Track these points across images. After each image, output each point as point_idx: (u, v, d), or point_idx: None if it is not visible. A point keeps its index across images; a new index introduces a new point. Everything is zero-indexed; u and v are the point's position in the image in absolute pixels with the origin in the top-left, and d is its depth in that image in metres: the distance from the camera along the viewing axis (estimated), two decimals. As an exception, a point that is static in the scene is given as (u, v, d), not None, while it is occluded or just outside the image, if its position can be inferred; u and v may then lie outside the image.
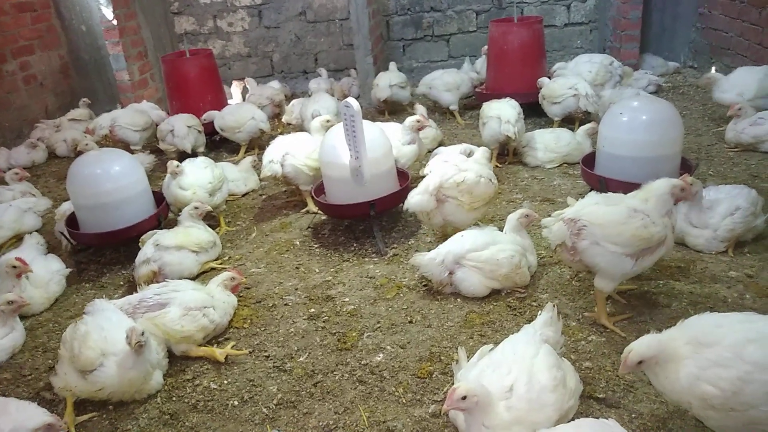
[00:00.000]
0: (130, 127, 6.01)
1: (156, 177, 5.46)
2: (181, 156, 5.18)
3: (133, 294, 3.17)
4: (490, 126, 4.89)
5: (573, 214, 2.80)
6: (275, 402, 2.69)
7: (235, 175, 5.04)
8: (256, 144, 6.04)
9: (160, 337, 2.91)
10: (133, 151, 5.64)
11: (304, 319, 3.27)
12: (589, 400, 2.48)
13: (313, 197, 4.23)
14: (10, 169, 5.26)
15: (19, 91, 6.92)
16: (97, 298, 3.04)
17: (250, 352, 3.04)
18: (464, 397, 2.03)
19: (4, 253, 4.08)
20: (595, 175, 4.03)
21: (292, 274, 3.76)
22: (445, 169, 3.64)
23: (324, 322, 3.23)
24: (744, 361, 1.91)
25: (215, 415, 2.67)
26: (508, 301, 3.22)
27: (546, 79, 5.84)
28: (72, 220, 4.15)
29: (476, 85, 6.67)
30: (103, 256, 4.26)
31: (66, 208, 4.35)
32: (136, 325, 2.66)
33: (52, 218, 4.60)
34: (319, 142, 4.20)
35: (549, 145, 4.96)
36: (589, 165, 4.22)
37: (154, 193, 4.35)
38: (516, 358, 2.24)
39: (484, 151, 3.90)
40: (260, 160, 4.79)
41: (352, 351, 2.97)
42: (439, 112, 6.63)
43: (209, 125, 6.01)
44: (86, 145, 5.37)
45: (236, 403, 2.71)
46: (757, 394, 1.89)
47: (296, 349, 3.04)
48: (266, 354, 3.02)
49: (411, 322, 3.14)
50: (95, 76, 8.08)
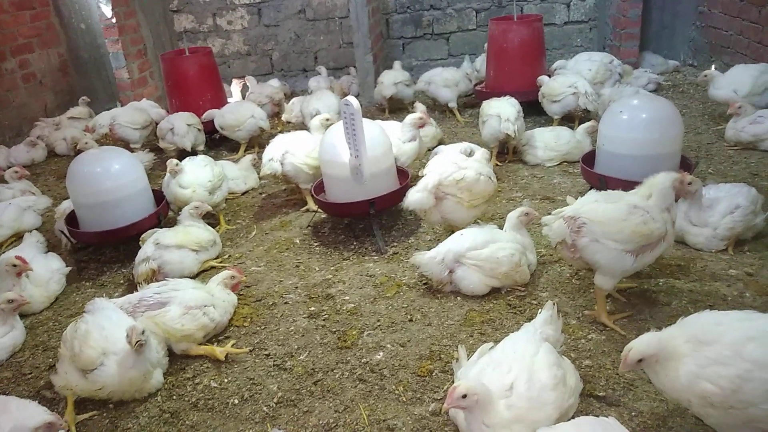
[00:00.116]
0: (130, 125, 6.01)
1: (156, 175, 5.46)
2: (181, 154, 5.17)
3: (133, 293, 3.17)
4: (490, 124, 4.89)
5: (573, 211, 2.81)
6: (275, 400, 2.69)
7: (235, 174, 5.04)
8: (256, 142, 6.03)
9: (161, 336, 2.91)
10: (132, 150, 5.63)
11: (304, 318, 3.28)
12: (589, 399, 2.48)
13: (313, 196, 4.22)
14: (10, 168, 5.26)
15: (19, 90, 6.91)
16: (98, 297, 3.04)
17: (251, 351, 3.05)
18: (464, 396, 2.04)
19: (4, 252, 4.08)
20: (595, 174, 4.03)
21: (292, 273, 3.77)
22: (444, 166, 3.63)
23: (324, 320, 3.23)
24: (743, 359, 1.92)
25: (215, 413, 2.67)
26: (508, 300, 3.22)
27: (546, 78, 5.84)
28: (72, 219, 4.15)
29: (476, 84, 6.67)
30: (103, 254, 4.26)
31: (66, 206, 4.34)
32: (137, 324, 2.66)
33: (52, 217, 4.60)
34: (319, 141, 4.20)
35: (549, 143, 4.97)
36: (589, 163, 4.22)
37: (154, 192, 4.35)
38: (516, 356, 2.24)
39: (485, 152, 3.92)
40: (260, 159, 4.78)
41: (352, 349, 2.97)
42: (439, 111, 6.63)
43: (209, 124, 6.00)
44: (86, 143, 5.39)
45: (236, 402, 2.71)
46: (757, 392, 1.89)
47: (296, 347, 3.04)
48: (266, 352, 3.02)
49: (411, 321, 3.14)
50: (94, 75, 8.08)
